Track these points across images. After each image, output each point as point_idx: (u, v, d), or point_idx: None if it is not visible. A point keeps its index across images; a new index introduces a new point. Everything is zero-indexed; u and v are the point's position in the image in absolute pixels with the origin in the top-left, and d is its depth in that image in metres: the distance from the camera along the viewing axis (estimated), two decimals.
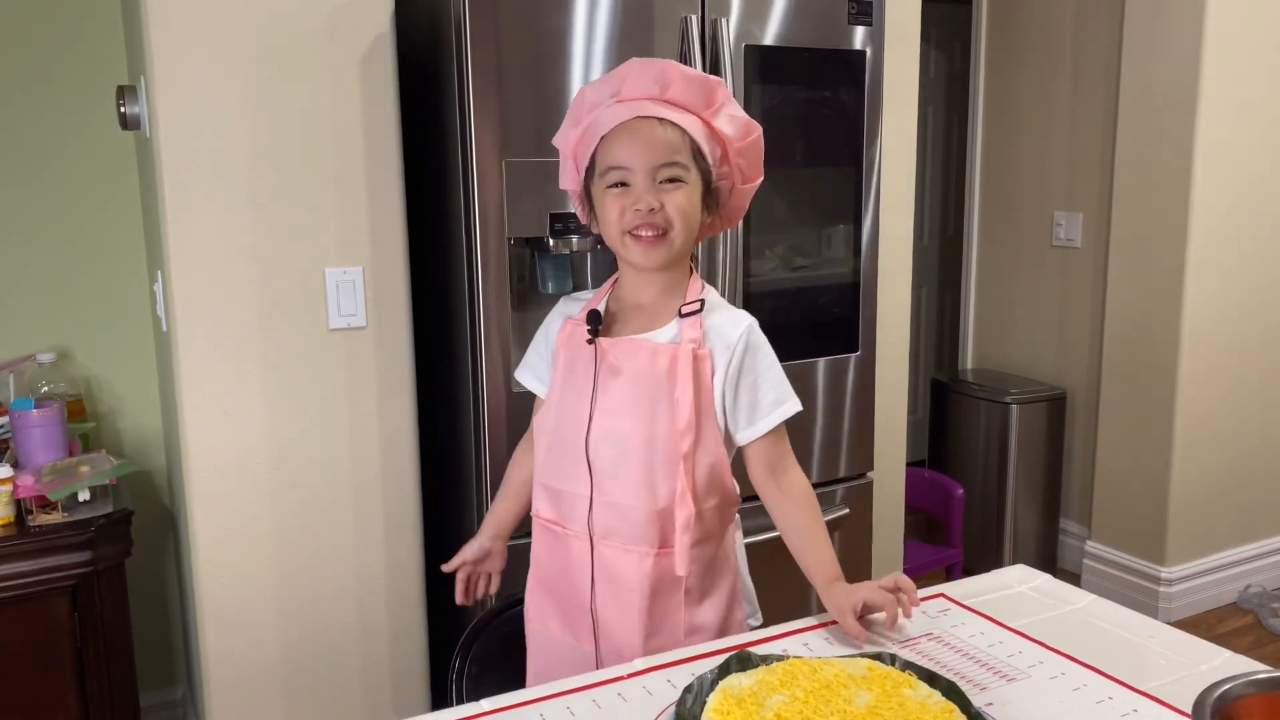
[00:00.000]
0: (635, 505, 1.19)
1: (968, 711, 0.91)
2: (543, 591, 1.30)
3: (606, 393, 1.20)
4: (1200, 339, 2.98)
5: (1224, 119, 2.89)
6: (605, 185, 1.19)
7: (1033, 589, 1.25)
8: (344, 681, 1.96)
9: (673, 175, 1.17)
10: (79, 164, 2.21)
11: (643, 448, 1.18)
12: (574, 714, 0.97)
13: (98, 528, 1.89)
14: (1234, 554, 3.21)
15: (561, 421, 1.24)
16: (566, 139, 1.25)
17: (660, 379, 1.18)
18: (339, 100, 1.81)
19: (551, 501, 1.26)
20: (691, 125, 1.19)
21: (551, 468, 1.25)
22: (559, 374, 1.26)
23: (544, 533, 1.28)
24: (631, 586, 1.19)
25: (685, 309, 1.22)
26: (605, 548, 1.21)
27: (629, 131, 1.17)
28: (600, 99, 1.21)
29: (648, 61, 1.20)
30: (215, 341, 1.78)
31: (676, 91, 1.19)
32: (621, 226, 1.18)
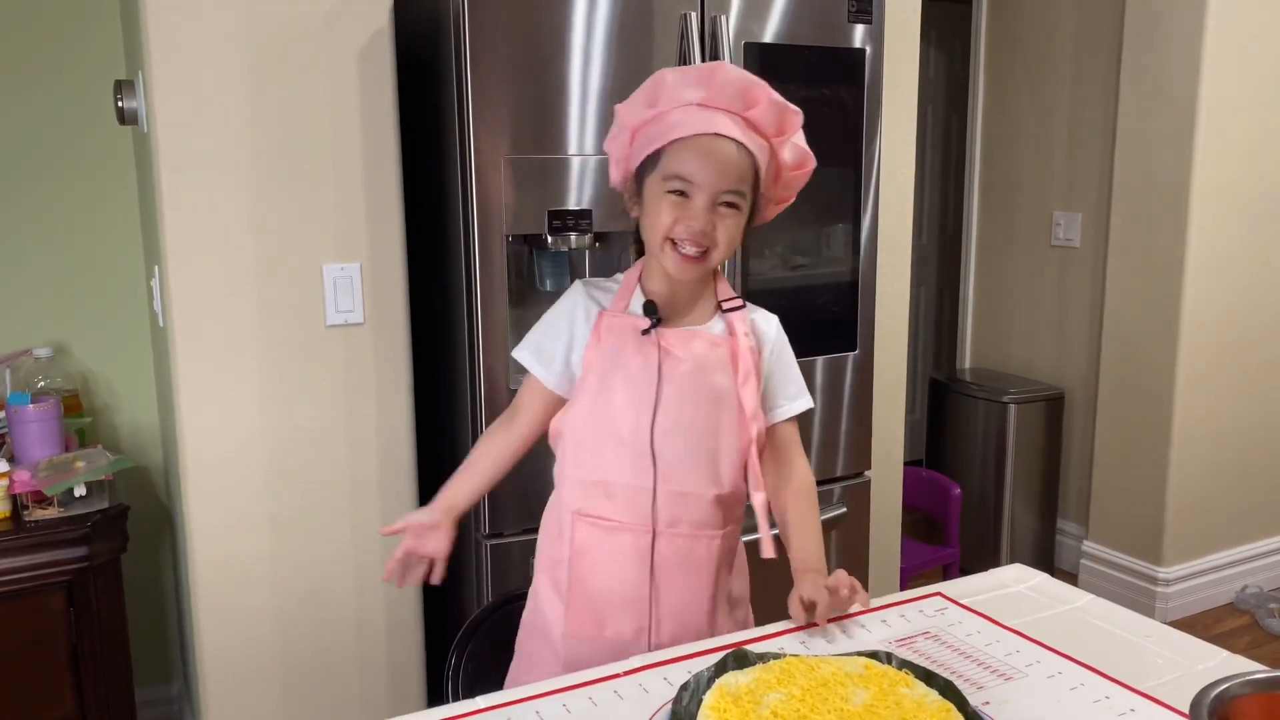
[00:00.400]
0: (702, 493, 1.22)
1: (964, 710, 0.91)
2: (583, 595, 1.24)
3: (671, 384, 1.20)
4: (1198, 339, 2.98)
5: (1224, 119, 2.89)
6: (665, 189, 1.18)
7: (1030, 588, 1.24)
8: (340, 678, 1.95)
9: (731, 201, 1.18)
10: (76, 159, 2.20)
11: (708, 436, 1.21)
12: (570, 711, 0.97)
13: (94, 523, 1.89)
14: (1231, 554, 3.22)
15: (617, 415, 1.21)
16: (634, 114, 1.22)
17: (724, 369, 1.22)
18: (337, 96, 1.80)
19: (606, 496, 1.22)
20: (761, 153, 1.21)
21: (605, 462, 1.22)
22: (601, 366, 1.22)
23: (592, 530, 1.23)
24: (701, 570, 1.23)
25: (727, 305, 1.27)
26: (673, 536, 1.21)
27: (705, 147, 1.16)
28: (682, 93, 1.18)
29: (739, 73, 1.19)
30: (212, 337, 1.78)
31: (758, 113, 1.19)
32: (668, 234, 1.18)
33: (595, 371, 1.23)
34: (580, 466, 1.24)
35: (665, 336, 1.22)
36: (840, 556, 2.21)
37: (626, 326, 1.22)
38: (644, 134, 1.21)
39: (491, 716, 0.96)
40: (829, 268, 2.14)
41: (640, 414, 1.20)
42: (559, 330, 1.27)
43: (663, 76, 1.19)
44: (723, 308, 1.26)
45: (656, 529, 1.21)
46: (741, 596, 1.33)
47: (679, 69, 1.21)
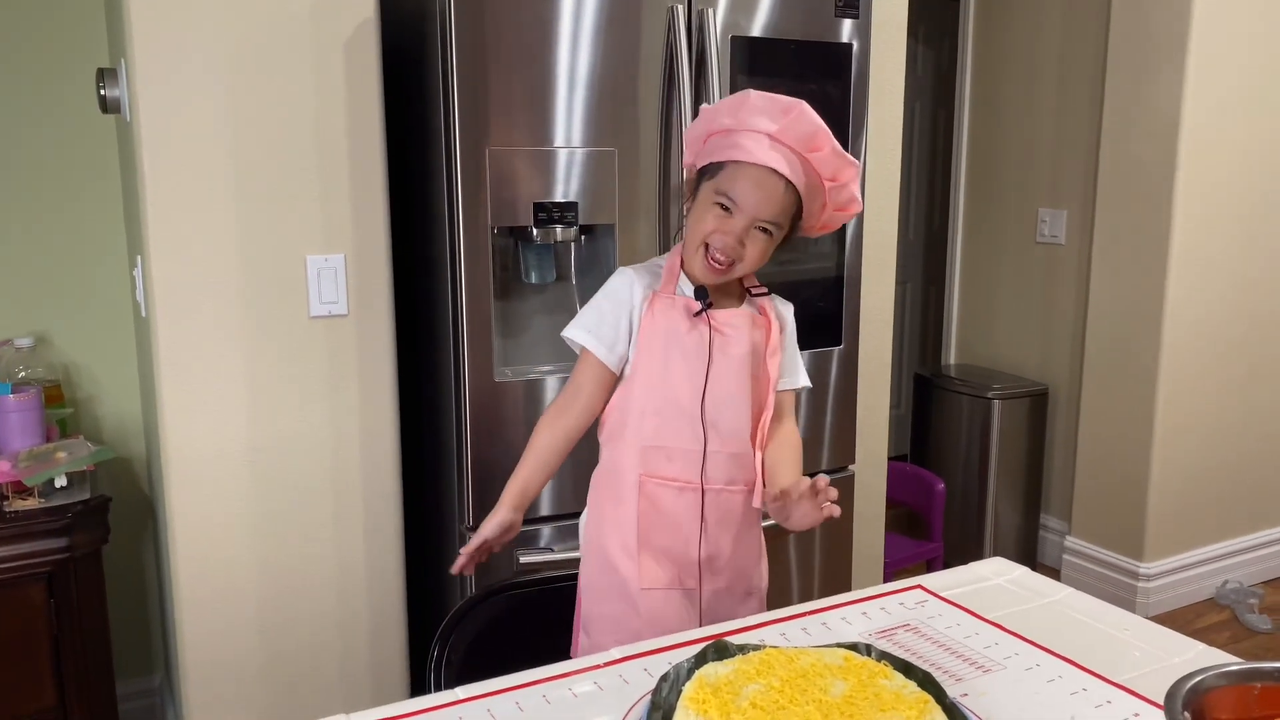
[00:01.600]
0: (748, 450, 1.35)
1: (942, 702, 0.92)
2: (651, 550, 1.35)
3: (722, 359, 1.33)
4: (1181, 337, 3.00)
5: (1208, 118, 2.91)
6: (714, 200, 1.30)
7: (1010, 581, 1.25)
8: (322, 670, 1.95)
9: (767, 228, 1.30)
10: (59, 147, 2.18)
11: (750, 404, 1.35)
12: (549, 702, 0.97)
13: (74, 514, 1.88)
14: (1212, 550, 3.24)
15: (673, 387, 1.34)
16: (715, 120, 1.33)
17: (758, 347, 1.36)
18: (322, 86, 1.79)
19: (668, 459, 1.34)
20: (811, 193, 1.32)
21: (665, 430, 1.34)
22: (656, 344, 1.34)
23: (658, 490, 1.35)
24: (752, 521, 1.39)
25: (756, 291, 1.41)
26: (725, 493, 1.35)
27: (759, 179, 1.28)
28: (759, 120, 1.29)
29: (813, 117, 1.29)
30: (195, 327, 1.77)
31: (819, 159, 1.30)
32: (706, 239, 1.31)
33: (652, 348, 1.34)
34: (645, 434, 1.35)
35: (714, 316, 1.35)
36: (824, 550, 2.22)
37: (679, 307, 1.34)
38: (716, 141, 1.32)
39: (472, 707, 0.96)
40: (814, 263, 2.15)
41: (695, 385, 1.33)
42: (614, 311, 1.37)
43: (748, 97, 1.30)
44: (751, 293, 1.41)
45: (706, 486, 1.34)
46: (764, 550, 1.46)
47: (765, 95, 1.30)
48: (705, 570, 1.36)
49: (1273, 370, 3.24)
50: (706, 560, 1.36)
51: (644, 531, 1.35)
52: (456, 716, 0.95)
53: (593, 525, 1.42)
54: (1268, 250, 3.14)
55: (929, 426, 3.55)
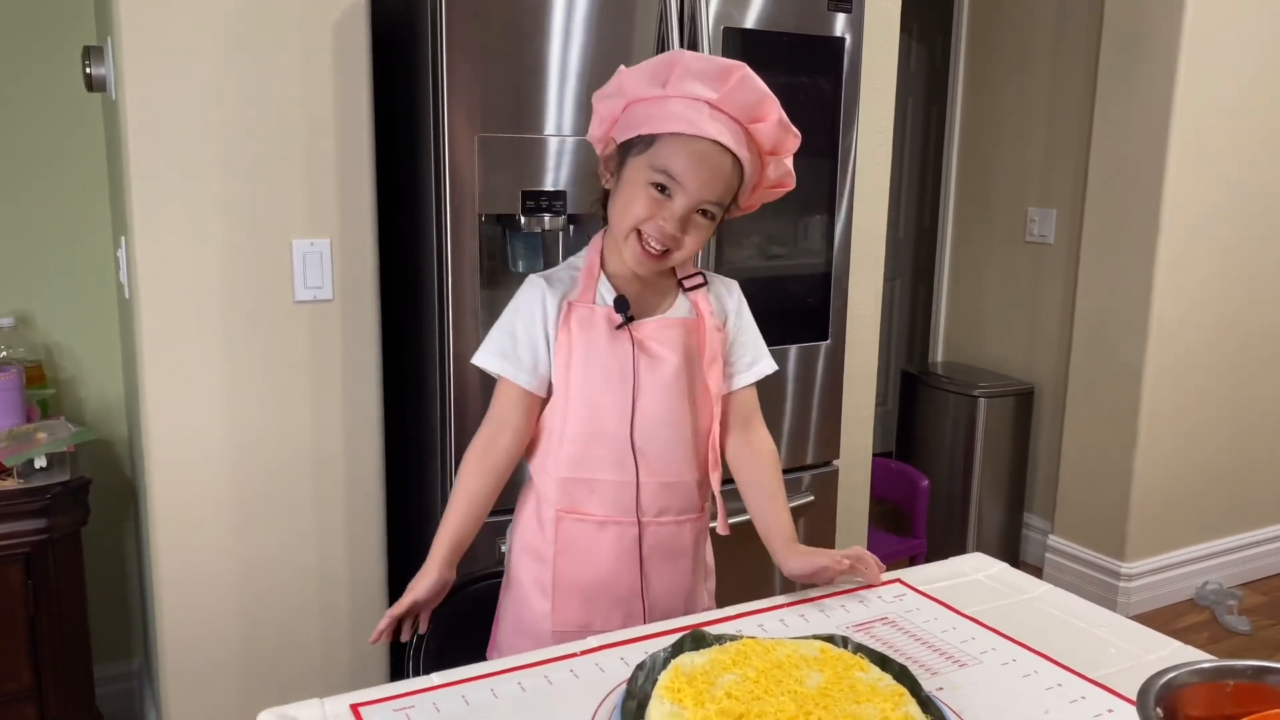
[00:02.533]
0: (686, 479, 1.23)
1: (918, 695, 0.92)
2: (576, 594, 1.23)
3: (650, 378, 1.19)
4: (1167, 339, 3.02)
5: (1198, 121, 2.92)
6: (648, 179, 1.14)
7: (988, 577, 1.25)
8: (302, 654, 1.94)
9: (709, 210, 1.16)
10: (43, 126, 2.16)
11: (687, 425, 1.22)
12: (525, 689, 0.97)
13: (54, 495, 1.86)
14: (1192, 551, 3.26)
15: (597, 412, 1.19)
16: (639, 86, 1.16)
17: (693, 356, 1.22)
18: (311, 68, 1.78)
19: (590, 492, 1.21)
20: (751, 168, 1.18)
21: (588, 460, 1.20)
22: (576, 364, 1.19)
23: (577, 527, 1.22)
24: (686, 552, 1.26)
25: (689, 283, 1.25)
26: (660, 526, 1.22)
27: (702, 153, 1.12)
28: (694, 86, 1.13)
29: (756, 84, 1.15)
30: (178, 309, 1.76)
31: (762, 129, 1.16)
32: (638, 226, 1.15)
33: (570, 367, 1.20)
34: (562, 465, 1.22)
35: (638, 328, 1.19)
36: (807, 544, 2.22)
37: (598, 318, 1.19)
38: (641, 109, 1.15)
39: (448, 693, 0.96)
40: (804, 258, 2.15)
41: (620, 410, 1.19)
42: (528, 329, 1.22)
43: (679, 57, 1.14)
44: (684, 286, 1.25)
45: (642, 520, 1.21)
46: (711, 565, 1.36)
47: (699, 55, 1.15)
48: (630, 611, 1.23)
49: (1256, 374, 3.26)
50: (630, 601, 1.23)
51: (561, 571, 1.23)
52: (431, 703, 0.94)
53: (516, 548, 1.30)
54: (1254, 255, 3.15)
55: (915, 423, 3.56)
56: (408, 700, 0.94)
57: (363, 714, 0.92)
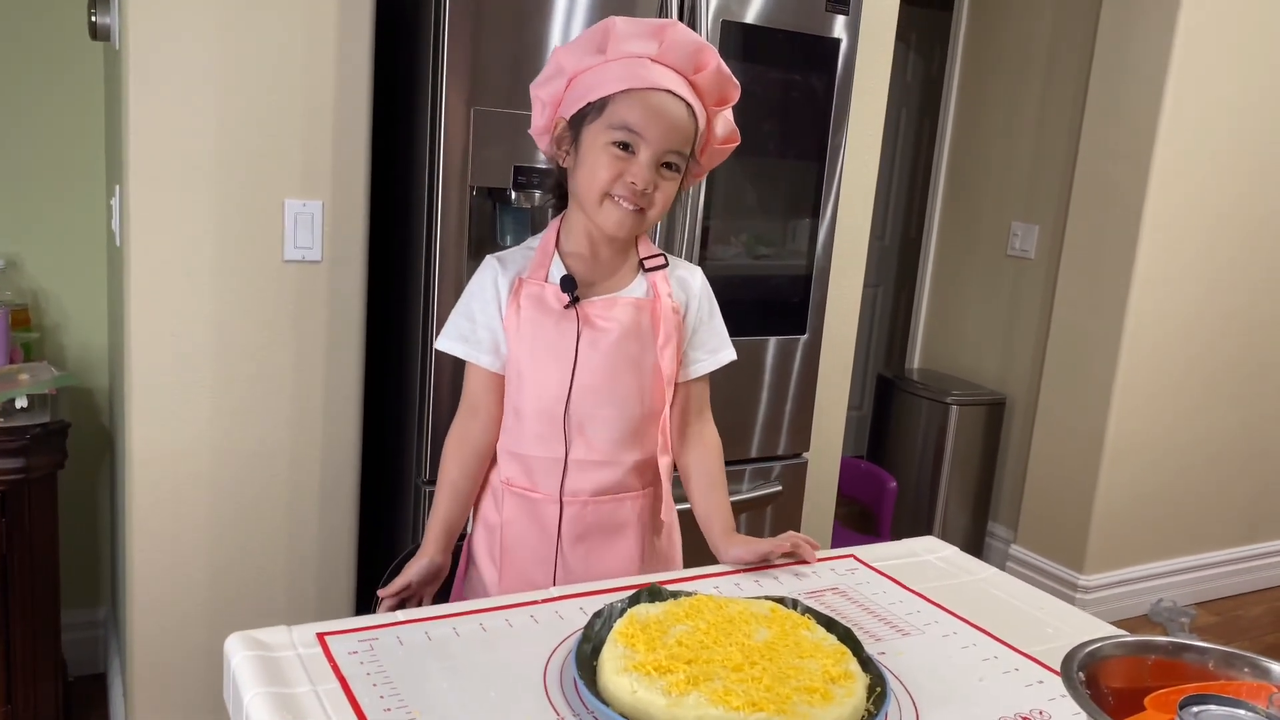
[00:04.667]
0: (623, 460, 1.23)
1: (859, 656, 0.96)
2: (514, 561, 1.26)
3: (591, 355, 1.20)
4: (1138, 358, 3.08)
5: (1182, 146, 2.98)
6: (609, 139, 1.14)
7: (939, 558, 1.30)
8: (270, 608, 1.97)
9: (672, 162, 1.17)
10: (43, 72, 2.18)
11: (630, 404, 1.22)
12: (485, 630, 1.00)
13: (33, 436, 1.88)
14: (1149, 568, 3.33)
15: (539, 389, 1.21)
16: (578, 59, 1.18)
17: (645, 335, 1.21)
18: (314, 31, 1.81)
19: (524, 469, 1.24)
20: (703, 121, 1.19)
21: (523, 435, 1.23)
22: (523, 340, 1.21)
23: (519, 500, 1.25)
24: (626, 532, 1.26)
25: (650, 263, 1.25)
26: (598, 505, 1.24)
27: (658, 104, 1.14)
28: (634, 44, 1.16)
29: (690, 34, 1.17)
30: (168, 260, 1.78)
31: (704, 78, 1.17)
32: (607, 189, 1.16)
33: (518, 343, 1.22)
34: (507, 436, 1.26)
35: (586, 306, 1.20)
36: (773, 533, 2.27)
37: (548, 295, 1.20)
38: (586, 80, 1.17)
39: (412, 628, 1.00)
40: (788, 254, 2.19)
41: (557, 387, 1.20)
42: (484, 310, 1.24)
43: (612, 24, 1.16)
44: (645, 266, 1.25)
45: (566, 499, 1.23)
46: (671, 555, 1.35)
47: (630, 19, 1.17)
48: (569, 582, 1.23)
49: (1223, 398, 3.33)
50: (562, 579, 1.24)
51: (506, 542, 1.26)
52: (395, 636, 0.98)
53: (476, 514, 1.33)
54: (1229, 282, 3.23)
55: (888, 427, 3.62)
56: (372, 633, 0.98)
57: (329, 642, 0.96)
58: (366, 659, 0.93)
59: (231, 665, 0.91)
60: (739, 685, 0.87)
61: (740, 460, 2.16)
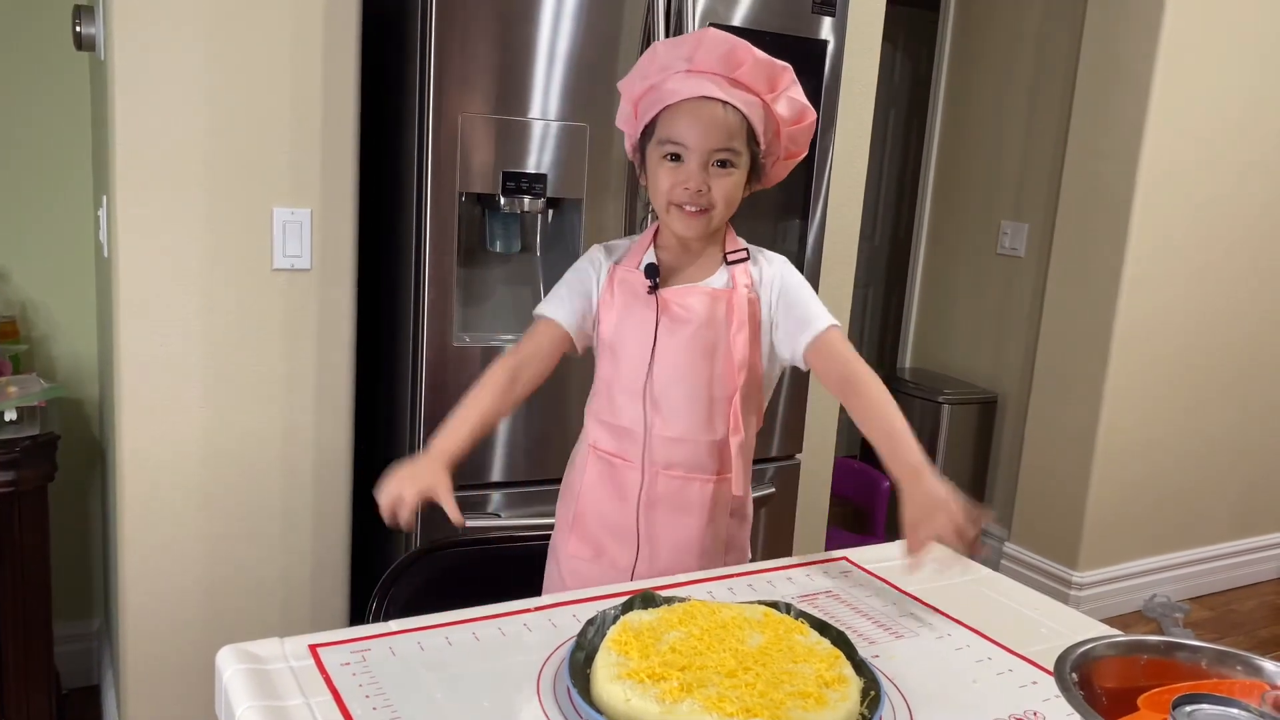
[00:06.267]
0: (696, 439, 1.30)
1: (853, 659, 0.96)
2: (588, 520, 1.35)
3: (668, 339, 1.29)
4: (1129, 355, 3.09)
5: (1169, 143, 3.00)
6: (661, 154, 1.26)
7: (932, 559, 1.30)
8: (264, 619, 1.96)
9: (725, 159, 1.25)
10: (29, 82, 2.17)
11: (704, 387, 1.29)
12: (479, 639, 1.00)
13: (22, 449, 1.87)
14: (1142, 564, 3.34)
15: (622, 364, 1.31)
16: (632, 88, 1.31)
17: (719, 323, 1.29)
18: (301, 39, 1.81)
19: (612, 435, 1.33)
20: (752, 109, 1.26)
21: (612, 405, 1.33)
22: (613, 318, 1.32)
23: (602, 463, 1.34)
24: (692, 511, 1.32)
25: (733, 256, 1.33)
26: (669, 477, 1.31)
27: (693, 111, 1.23)
28: (671, 62, 1.26)
29: (723, 36, 1.25)
30: (157, 270, 1.78)
31: (745, 72, 1.25)
32: (669, 198, 1.26)
33: (609, 322, 1.32)
34: (598, 404, 1.36)
35: (667, 293, 1.30)
36: (767, 535, 2.27)
37: (636, 281, 1.31)
38: (642, 105, 1.29)
39: (404, 638, 0.99)
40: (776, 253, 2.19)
41: (639, 364, 1.30)
42: (580, 283, 1.35)
43: (654, 49, 1.27)
44: (728, 259, 1.33)
45: (650, 469, 1.31)
46: (738, 543, 1.41)
47: (670, 40, 1.27)
48: (641, 550, 1.33)
49: (1213, 395, 3.34)
50: (642, 541, 1.33)
51: (582, 504, 1.36)
52: (388, 647, 0.98)
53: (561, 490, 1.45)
54: (1217, 279, 3.24)
55: None
56: (365, 644, 0.98)
57: (321, 654, 0.95)
58: (359, 670, 0.93)
59: (223, 679, 0.91)
60: (733, 691, 0.86)
61: None
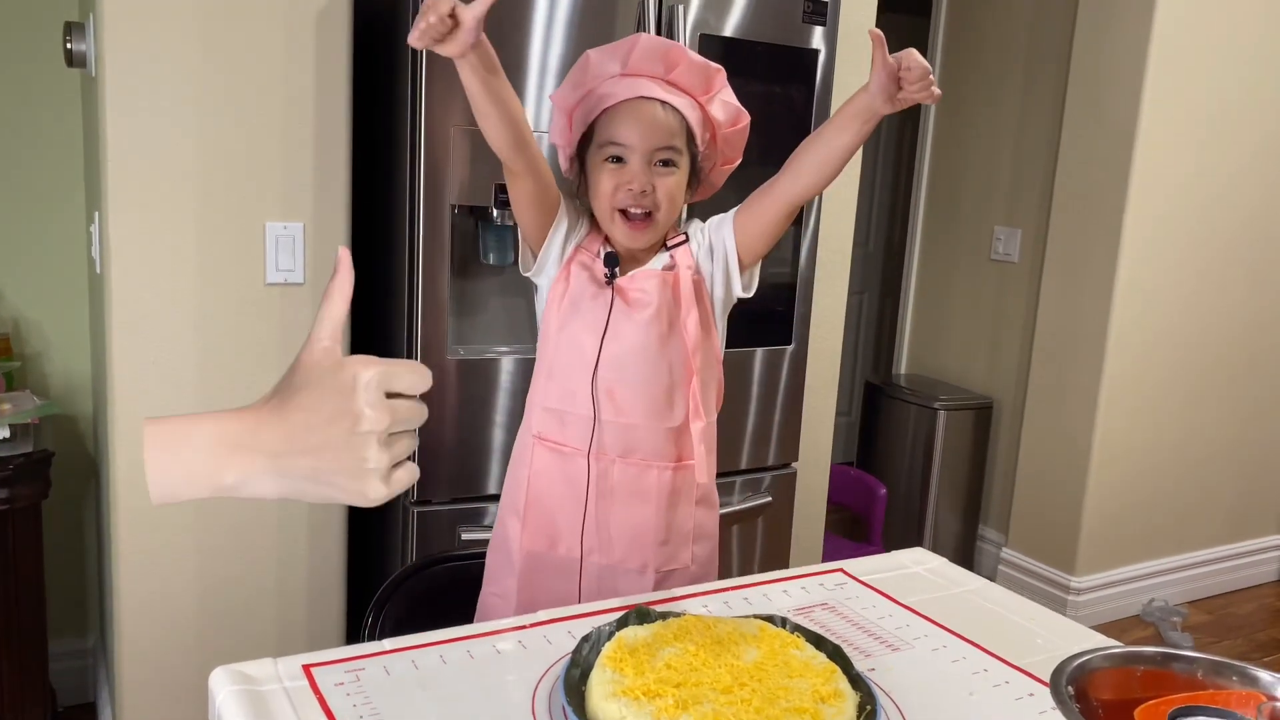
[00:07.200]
0: (654, 425, 1.28)
1: (849, 673, 0.96)
2: (539, 510, 1.32)
3: (624, 324, 1.26)
4: (1123, 359, 3.10)
5: (1161, 149, 3.00)
6: (602, 158, 1.25)
7: (928, 570, 1.30)
8: (259, 636, 1.96)
9: (667, 158, 1.24)
10: (20, 98, 2.17)
11: (663, 373, 1.27)
12: (473, 657, 1.00)
13: (16, 466, 1.87)
14: (1140, 568, 3.34)
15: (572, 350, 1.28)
16: (565, 98, 1.29)
17: (670, 305, 1.27)
18: (292, 55, 1.81)
19: (560, 424, 1.30)
20: (689, 110, 1.26)
21: (560, 393, 1.30)
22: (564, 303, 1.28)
23: (549, 454, 1.31)
24: (649, 499, 1.30)
25: (672, 242, 1.32)
26: (626, 465, 1.29)
27: (632, 111, 1.23)
28: (605, 68, 1.25)
29: (656, 39, 1.26)
30: (149, 286, 1.77)
31: (680, 74, 1.25)
32: (612, 203, 1.24)
33: (559, 307, 1.29)
34: (540, 393, 1.32)
35: (620, 281, 1.28)
36: (764, 544, 2.27)
37: (595, 269, 1.29)
38: (578, 114, 1.28)
39: (398, 657, 0.99)
40: (772, 265, 2.19)
41: (588, 351, 1.27)
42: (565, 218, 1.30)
43: (586, 56, 1.26)
44: (667, 245, 1.32)
45: (599, 457, 1.28)
46: (706, 532, 1.38)
47: (602, 47, 1.26)
48: (589, 543, 1.31)
49: (1208, 398, 3.35)
50: (590, 532, 1.31)
51: (532, 495, 1.32)
52: (382, 666, 0.97)
53: (506, 477, 1.41)
54: (1210, 282, 3.25)
55: (876, 433, 3.63)
56: (358, 663, 0.97)
57: (315, 674, 0.95)
58: (353, 690, 0.92)
59: (216, 701, 0.90)
60: (729, 708, 0.86)
61: (730, 472, 2.16)
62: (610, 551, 1.31)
